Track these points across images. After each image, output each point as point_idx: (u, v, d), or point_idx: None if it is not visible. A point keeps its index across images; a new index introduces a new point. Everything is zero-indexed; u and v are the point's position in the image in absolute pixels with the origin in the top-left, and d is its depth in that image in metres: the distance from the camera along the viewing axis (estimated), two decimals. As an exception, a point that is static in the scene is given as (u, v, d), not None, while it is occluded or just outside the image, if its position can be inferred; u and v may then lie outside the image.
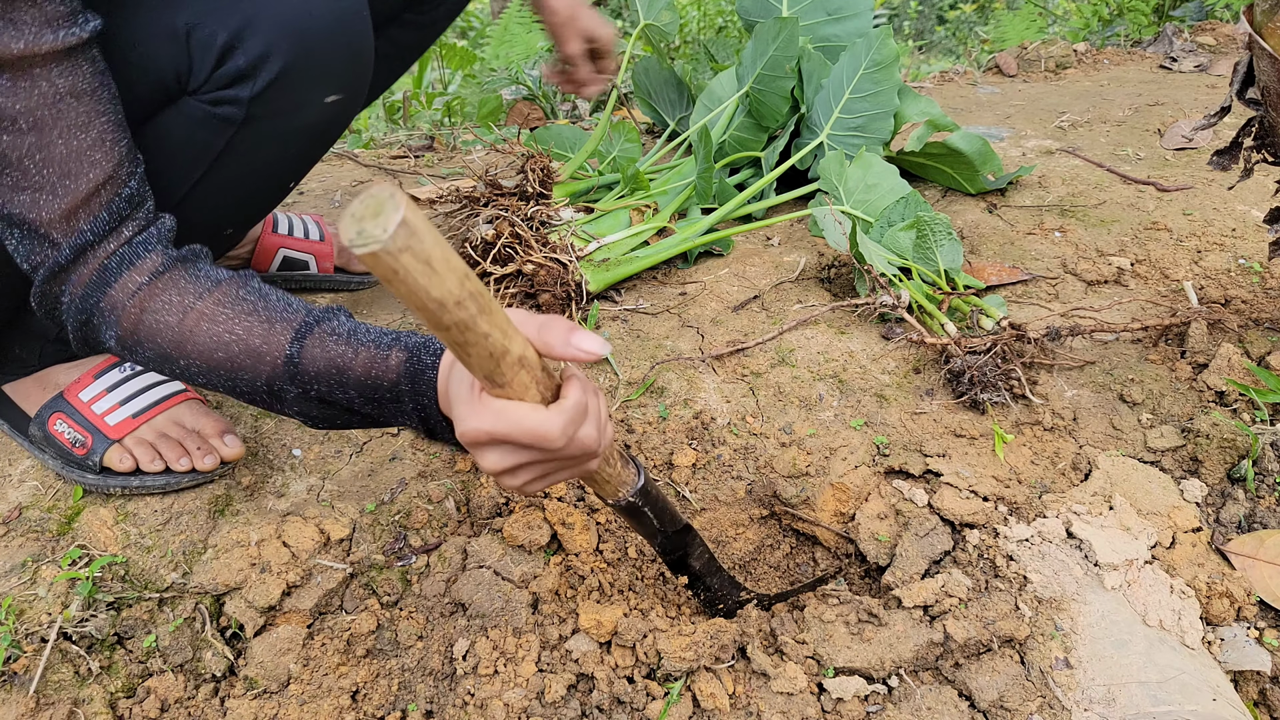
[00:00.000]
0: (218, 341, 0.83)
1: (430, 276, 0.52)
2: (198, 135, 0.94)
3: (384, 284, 0.54)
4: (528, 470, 0.73)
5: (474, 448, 0.70)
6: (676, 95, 2.23)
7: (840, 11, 2.03)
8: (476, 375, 0.65)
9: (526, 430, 0.67)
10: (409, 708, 0.95)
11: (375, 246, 0.48)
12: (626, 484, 0.86)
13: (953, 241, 1.58)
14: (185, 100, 0.92)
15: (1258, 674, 0.99)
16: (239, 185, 1.02)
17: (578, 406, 0.69)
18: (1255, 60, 1.18)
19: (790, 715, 0.90)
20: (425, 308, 0.55)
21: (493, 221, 1.53)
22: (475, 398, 0.68)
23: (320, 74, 0.95)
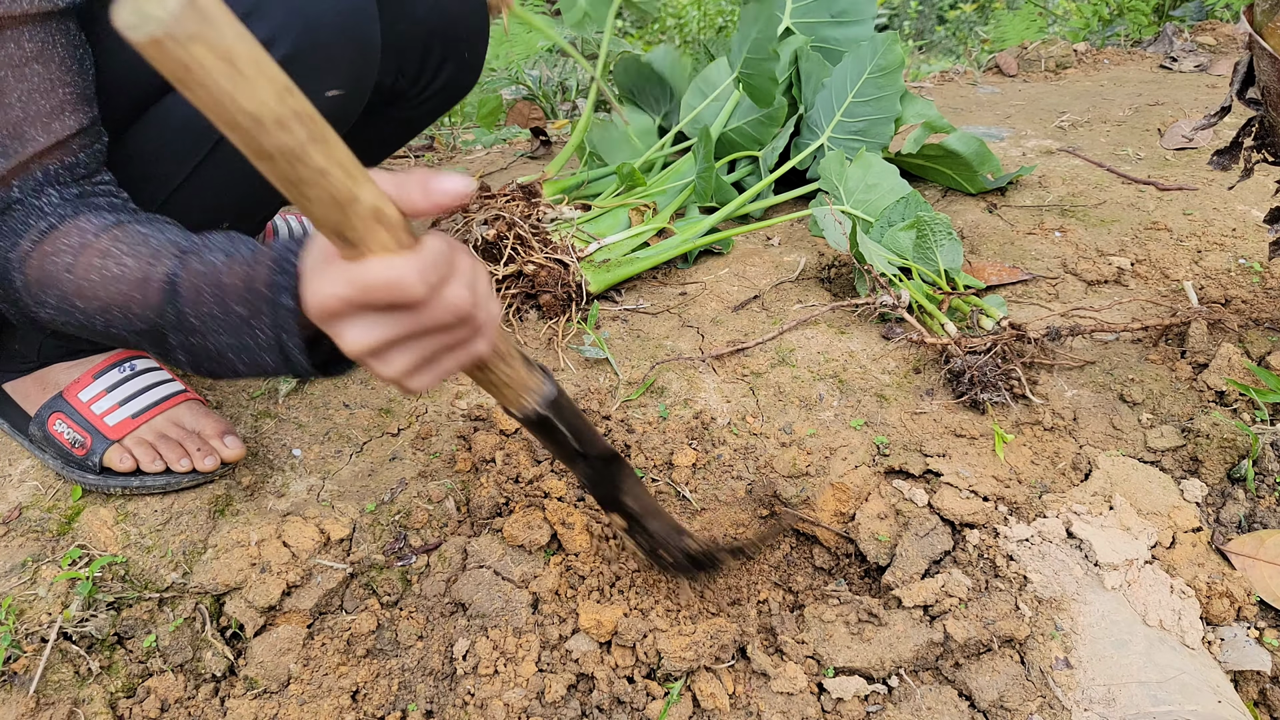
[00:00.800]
0: (110, 275, 0.76)
1: (235, 80, 0.43)
2: (196, 121, 0.92)
3: (178, 88, 0.44)
4: (402, 348, 0.61)
5: (330, 323, 0.60)
6: (660, 91, 2.23)
7: (845, 15, 2.03)
8: (325, 232, 0.55)
9: (379, 280, 0.56)
10: (409, 708, 0.95)
11: (155, 29, 0.39)
12: (532, 390, 0.76)
13: (953, 241, 1.58)
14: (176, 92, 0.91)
15: (1258, 674, 0.99)
16: (237, 176, 1.01)
17: (438, 252, 0.58)
18: (1255, 60, 1.18)
19: (790, 715, 0.90)
20: (237, 124, 0.45)
21: (492, 222, 1.53)
22: (327, 263, 0.58)
23: (324, 65, 0.94)
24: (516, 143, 2.66)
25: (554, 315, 1.51)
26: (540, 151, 2.52)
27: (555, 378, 0.82)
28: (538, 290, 1.52)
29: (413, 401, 1.31)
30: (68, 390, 1.12)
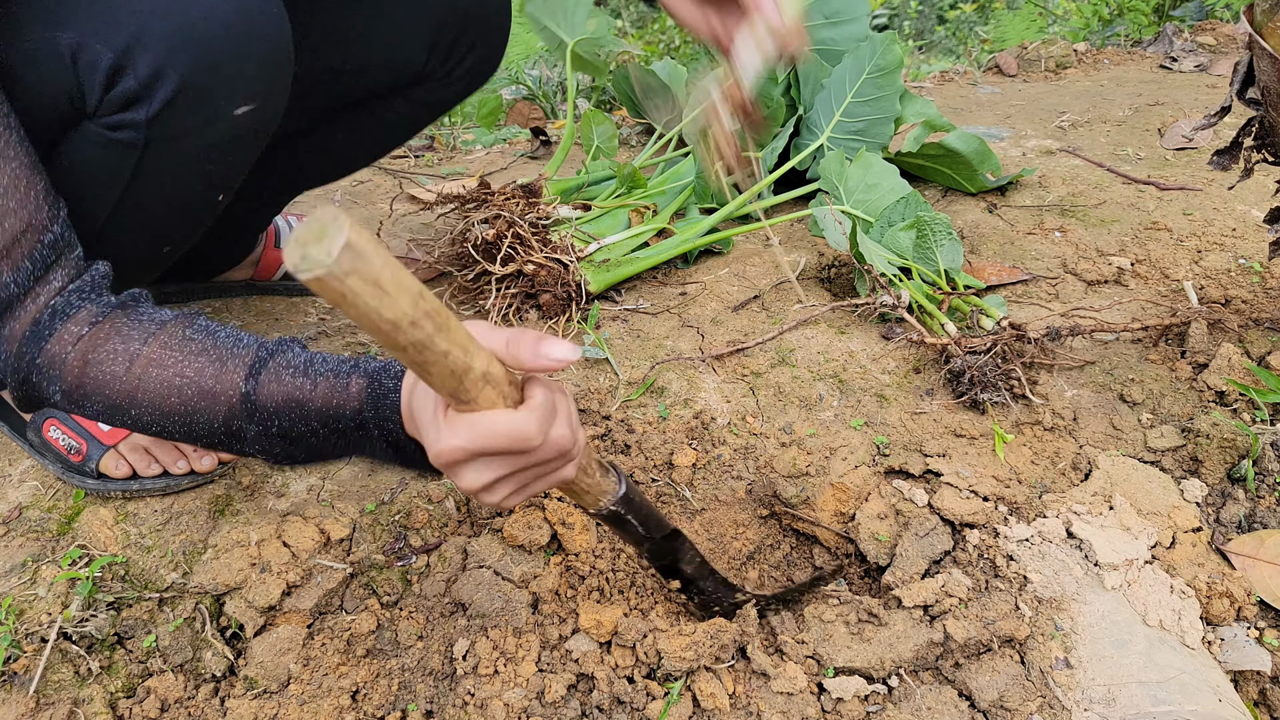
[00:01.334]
0: (169, 387, 0.77)
1: (381, 298, 0.51)
2: (104, 161, 0.87)
3: (336, 308, 0.53)
4: (507, 482, 0.70)
5: (451, 467, 0.67)
6: (662, 99, 2.24)
7: (838, 16, 2.03)
8: (441, 394, 0.63)
9: (502, 434, 0.64)
10: (409, 708, 0.95)
11: (320, 271, 0.47)
12: (608, 492, 0.85)
13: (953, 241, 1.58)
14: (86, 124, 0.85)
15: (1258, 674, 0.99)
16: (162, 207, 0.96)
17: (546, 403, 0.66)
18: (1255, 60, 1.18)
19: (790, 715, 0.90)
20: (379, 329, 0.54)
21: (493, 222, 1.53)
22: (443, 417, 0.65)
23: (227, 86, 0.86)
24: (516, 143, 2.66)
25: (554, 315, 1.51)
26: (540, 151, 2.52)
27: (625, 474, 0.88)
28: (538, 290, 1.52)
29: (413, 401, 1.31)
30: None
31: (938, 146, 1.92)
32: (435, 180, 2.24)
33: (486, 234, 1.51)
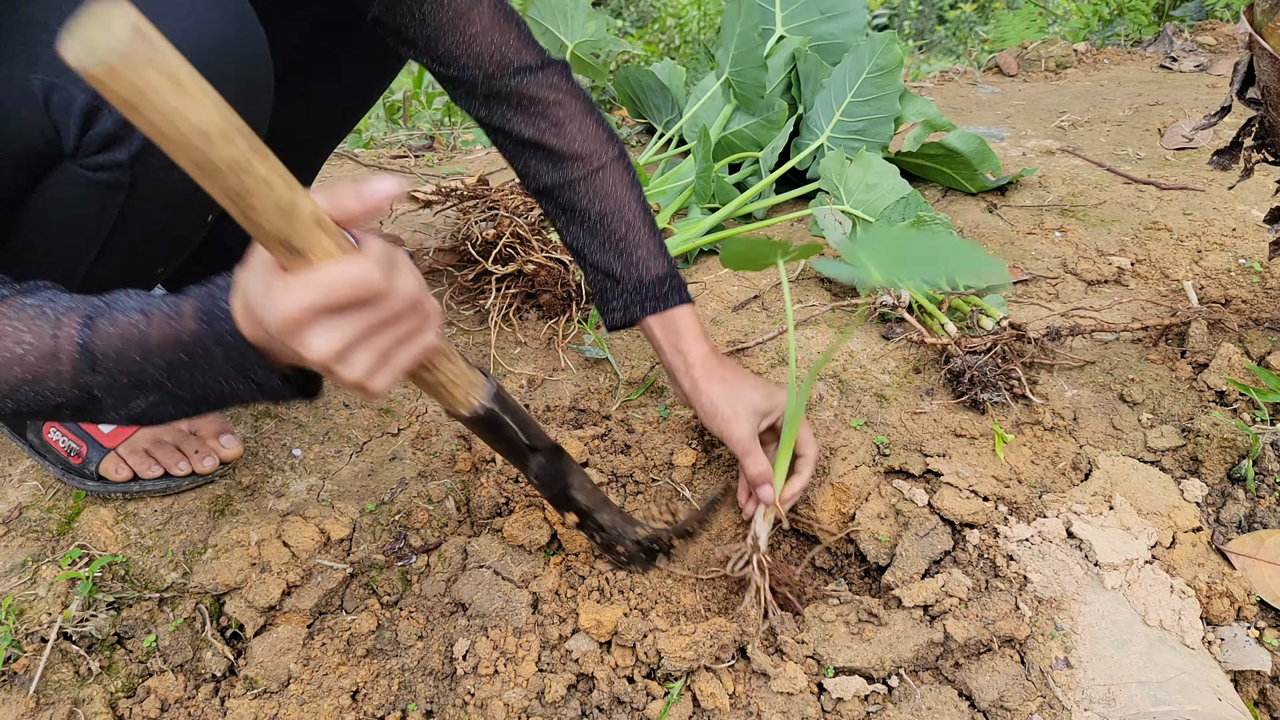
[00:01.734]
0: (11, 356, 0.72)
1: (183, 98, 0.44)
2: (89, 200, 0.84)
3: (128, 114, 0.46)
4: (364, 347, 0.63)
5: (296, 333, 0.60)
6: (661, 100, 2.24)
7: (834, 9, 2.03)
8: (271, 247, 0.57)
9: (345, 282, 0.58)
10: (409, 708, 0.95)
11: (109, 58, 0.40)
12: (477, 385, 0.76)
13: (953, 241, 1.58)
14: (67, 165, 0.82)
15: (1258, 674, 0.99)
16: (152, 237, 0.94)
17: (384, 248, 0.61)
18: (1255, 60, 1.18)
19: (790, 715, 0.90)
20: (187, 143, 0.46)
21: (491, 221, 1.53)
22: (277, 279, 0.59)
23: None
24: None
25: (554, 315, 1.51)
26: (540, 151, 2.51)
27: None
28: (537, 290, 1.52)
29: (413, 401, 1.31)
30: None
31: (938, 146, 1.92)
32: (435, 179, 2.24)
33: (486, 233, 1.51)
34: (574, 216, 1.10)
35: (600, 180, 1.09)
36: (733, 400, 1.08)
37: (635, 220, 1.10)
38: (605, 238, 1.09)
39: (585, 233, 1.10)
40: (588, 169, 1.09)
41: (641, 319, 1.11)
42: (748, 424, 1.07)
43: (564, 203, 1.10)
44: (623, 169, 1.11)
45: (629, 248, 1.10)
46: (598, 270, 1.11)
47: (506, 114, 1.08)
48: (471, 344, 1.44)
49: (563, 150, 1.08)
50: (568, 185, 1.08)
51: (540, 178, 1.10)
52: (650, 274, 1.10)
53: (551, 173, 1.09)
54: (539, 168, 1.10)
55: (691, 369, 1.09)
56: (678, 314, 1.11)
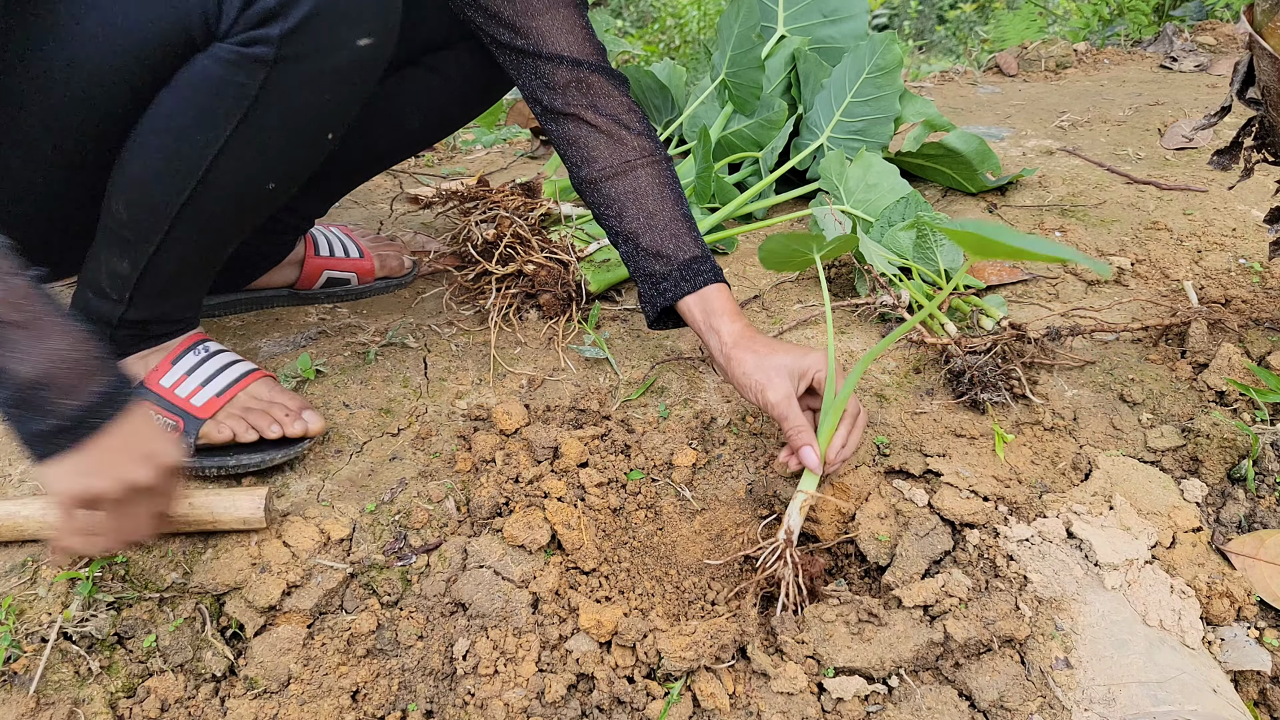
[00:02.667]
0: None
1: None
2: (232, 78, 0.91)
3: None
4: None
5: None
6: (661, 100, 2.24)
7: (836, 14, 2.03)
8: None
9: None
10: (409, 708, 0.95)
11: None
12: None
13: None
14: (215, 45, 0.90)
15: (1258, 674, 0.99)
16: (278, 133, 0.99)
17: None
18: (1255, 60, 1.18)
19: (790, 715, 0.90)
20: None
21: (492, 221, 1.53)
22: None
23: (353, 14, 0.92)
24: (516, 143, 2.66)
25: (554, 315, 1.51)
26: (540, 151, 2.52)
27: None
28: (538, 290, 1.52)
29: (413, 401, 1.31)
30: (149, 379, 1.13)
31: (938, 146, 1.92)
32: (435, 180, 2.24)
33: (486, 234, 1.51)
34: (632, 200, 1.19)
35: (657, 169, 1.20)
36: (764, 367, 1.10)
37: (683, 206, 1.21)
38: (660, 223, 1.18)
39: (644, 219, 1.18)
40: (648, 158, 1.20)
41: (679, 300, 1.17)
42: (782, 387, 1.09)
43: (622, 188, 1.19)
44: (670, 163, 1.23)
45: (678, 231, 1.19)
46: (649, 254, 1.18)
47: (583, 101, 1.19)
48: (471, 344, 1.44)
49: (626, 140, 1.19)
50: (628, 169, 1.19)
51: (598, 163, 1.20)
52: (688, 254, 1.17)
53: (611, 158, 1.19)
54: (601, 152, 1.20)
55: (724, 345, 1.13)
56: (711, 293, 1.16)
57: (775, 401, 1.08)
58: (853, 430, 1.10)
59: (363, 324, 1.47)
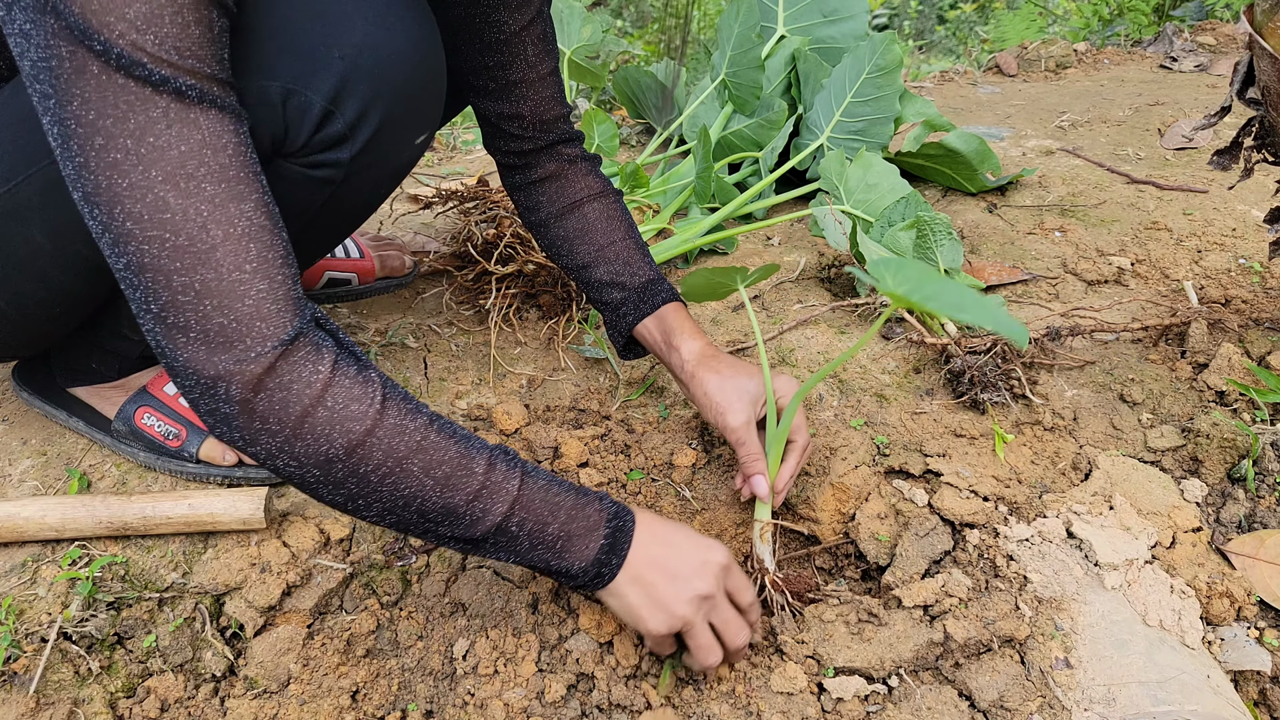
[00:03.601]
0: (433, 480, 0.78)
1: None
2: (295, 195, 0.90)
3: None
4: None
5: None
6: (660, 101, 2.24)
7: (836, 14, 2.04)
8: None
9: None
10: (409, 708, 0.95)
11: None
12: None
13: (953, 241, 1.58)
14: (279, 163, 0.88)
15: (1258, 674, 0.99)
16: (329, 230, 1.01)
17: None
18: (1255, 60, 1.18)
19: (790, 715, 0.90)
20: None
21: (492, 221, 1.53)
22: None
23: (413, 120, 0.93)
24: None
25: (554, 315, 1.51)
26: (540, 151, 2.51)
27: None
28: (538, 290, 1.52)
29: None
30: (152, 384, 1.13)
31: (938, 146, 1.92)
32: (435, 180, 2.24)
33: (486, 233, 1.51)
34: (580, 235, 1.19)
35: (604, 202, 1.21)
36: (726, 390, 1.09)
37: (634, 235, 1.21)
38: (613, 253, 1.19)
39: (594, 251, 1.19)
40: (595, 195, 1.21)
41: (637, 324, 1.16)
42: (742, 413, 1.08)
43: (570, 225, 1.20)
44: (619, 197, 1.24)
45: (631, 259, 1.19)
46: (605, 285, 1.19)
47: (536, 158, 1.20)
48: (472, 344, 1.44)
49: (573, 180, 1.20)
50: (575, 207, 1.20)
51: (545, 207, 1.21)
52: (643, 278, 1.17)
53: (558, 199, 1.20)
54: (549, 195, 1.21)
55: (686, 363, 1.12)
56: (668, 312, 1.15)
57: (735, 426, 1.07)
58: (799, 462, 1.10)
59: (363, 324, 1.47)
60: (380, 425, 0.74)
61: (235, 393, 0.69)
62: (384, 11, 0.85)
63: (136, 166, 0.64)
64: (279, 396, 0.70)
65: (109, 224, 0.66)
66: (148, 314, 0.69)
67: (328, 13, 0.82)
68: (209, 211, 0.67)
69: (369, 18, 0.84)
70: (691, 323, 1.16)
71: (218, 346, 0.68)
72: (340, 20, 0.82)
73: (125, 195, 0.65)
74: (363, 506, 0.77)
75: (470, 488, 0.79)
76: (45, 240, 0.89)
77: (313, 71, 0.81)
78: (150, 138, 0.64)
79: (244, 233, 0.69)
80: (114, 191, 0.65)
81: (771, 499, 1.06)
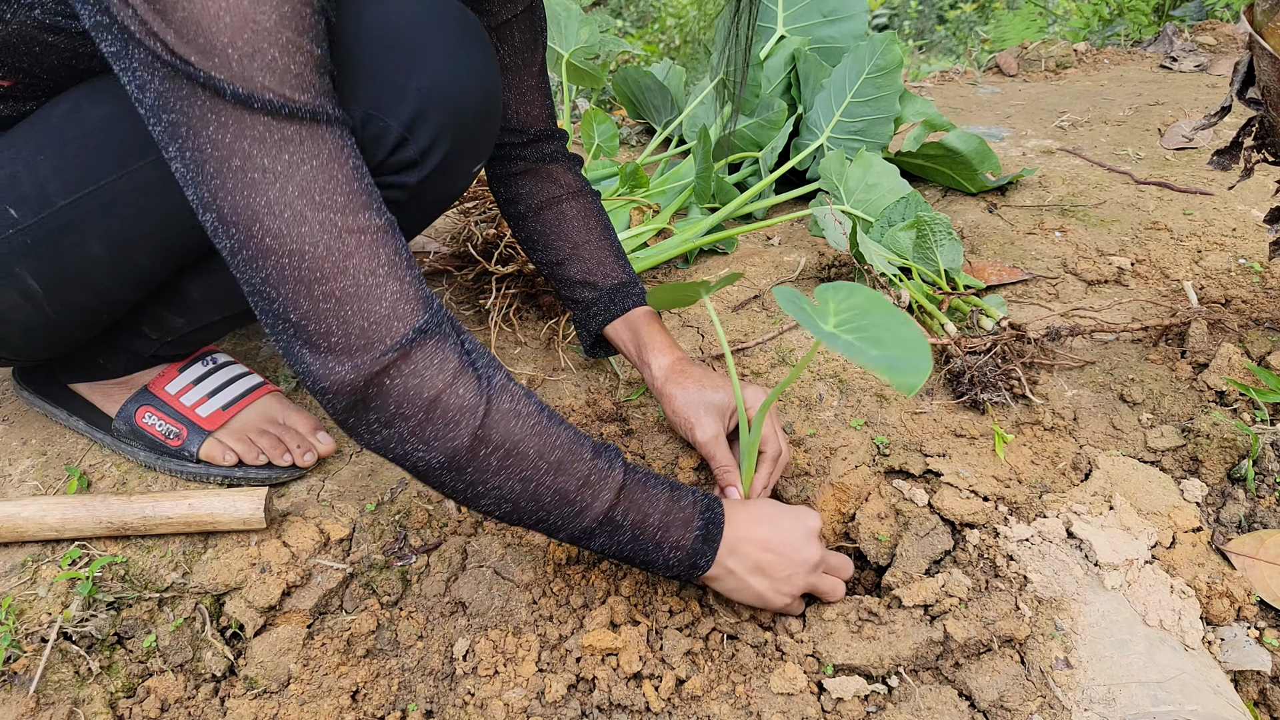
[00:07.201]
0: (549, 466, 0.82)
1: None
2: None
3: None
4: None
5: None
6: (660, 100, 2.24)
7: (836, 14, 2.04)
8: None
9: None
10: (409, 707, 0.95)
11: None
12: None
13: (953, 241, 1.58)
14: None
15: (1258, 674, 0.99)
16: None
17: None
18: (1255, 60, 1.18)
19: (790, 715, 0.90)
20: None
21: (491, 221, 1.53)
22: None
23: (473, 150, 0.96)
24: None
25: (554, 315, 1.51)
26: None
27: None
28: (538, 290, 1.52)
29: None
30: (154, 384, 1.13)
31: (938, 146, 1.92)
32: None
33: (486, 233, 1.51)
34: (556, 231, 1.21)
35: (582, 202, 1.23)
36: (693, 404, 1.12)
37: (610, 236, 1.24)
38: (587, 252, 1.21)
39: (569, 249, 1.21)
40: (574, 193, 1.23)
41: (605, 325, 1.19)
42: (711, 426, 1.11)
43: (547, 220, 1.22)
44: (597, 197, 1.26)
45: (604, 259, 1.21)
46: (577, 283, 1.21)
47: (520, 151, 1.22)
48: (471, 344, 1.44)
49: (554, 177, 1.23)
50: (554, 203, 1.22)
51: (524, 200, 1.22)
52: (614, 280, 1.20)
53: (538, 194, 1.22)
54: (528, 189, 1.22)
55: (657, 380, 1.15)
56: (639, 319, 1.18)
57: (703, 441, 1.10)
58: (774, 471, 1.10)
59: (363, 324, 1.47)
60: (496, 409, 0.78)
61: (372, 388, 0.73)
62: (456, 47, 0.89)
63: (274, 184, 0.67)
64: (414, 383, 0.74)
65: (247, 241, 0.69)
66: (286, 324, 0.72)
67: (405, 43, 0.85)
68: (342, 221, 0.70)
69: (444, 51, 0.88)
70: (663, 334, 1.18)
71: (360, 349, 0.72)
72: (416, 52, 0.86)
73: (264, 212, 0.68)
74: (482, 494, 0.81)
75: (580, 473, 0.83)
76: (105, 253, 0.91)
77: (391, 99, 0.85)
78: (286, 155, 0.68)
79: (374, 239, 0.72)
80: (253, 210, 0.68)
81: None
